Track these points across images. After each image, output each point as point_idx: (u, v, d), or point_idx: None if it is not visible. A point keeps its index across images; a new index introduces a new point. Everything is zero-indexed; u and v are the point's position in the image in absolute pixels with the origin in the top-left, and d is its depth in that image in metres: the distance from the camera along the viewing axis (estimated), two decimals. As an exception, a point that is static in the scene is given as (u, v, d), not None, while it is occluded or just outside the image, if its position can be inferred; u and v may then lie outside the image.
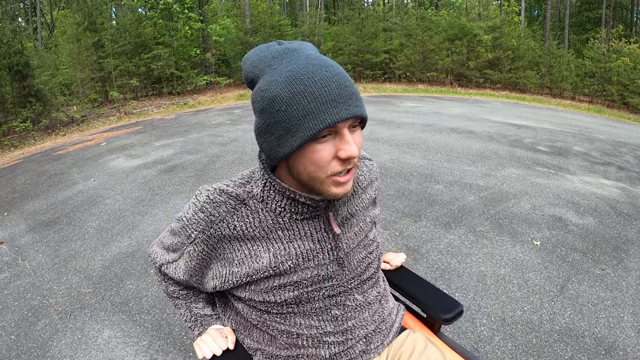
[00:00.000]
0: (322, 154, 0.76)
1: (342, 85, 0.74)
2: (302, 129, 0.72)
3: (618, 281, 2.85)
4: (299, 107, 0.72)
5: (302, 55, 0.77)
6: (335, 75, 0.74)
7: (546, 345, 2.22)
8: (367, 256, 1.02)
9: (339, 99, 0.73)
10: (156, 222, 3.97)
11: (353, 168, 0.81)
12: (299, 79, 0.72)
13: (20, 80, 10.78)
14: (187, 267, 0.96)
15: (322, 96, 0.71)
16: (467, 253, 3.21)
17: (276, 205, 0.86)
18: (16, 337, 2.47)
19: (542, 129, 8.48)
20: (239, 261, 0.88)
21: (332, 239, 0.92)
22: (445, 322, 1.15)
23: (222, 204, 0.87)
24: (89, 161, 6.51)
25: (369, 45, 18.77)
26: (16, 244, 3.75)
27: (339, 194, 0.81)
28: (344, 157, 0.75)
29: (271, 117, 0.75)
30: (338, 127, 0.74)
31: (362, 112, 0.76)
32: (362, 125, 0.83)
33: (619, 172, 5.48)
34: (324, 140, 0.75)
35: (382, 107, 11.44)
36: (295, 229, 0.88)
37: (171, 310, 2.63)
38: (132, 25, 14.34)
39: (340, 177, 0.79)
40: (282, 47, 0.80)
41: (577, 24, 27.66)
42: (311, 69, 0.74)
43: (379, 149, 6.26)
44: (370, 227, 1.05)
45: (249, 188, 0.89)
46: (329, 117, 0.71)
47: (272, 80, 0.75)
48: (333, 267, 0.93)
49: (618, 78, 15.73)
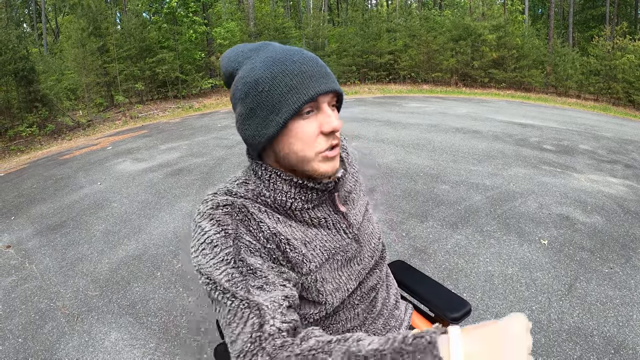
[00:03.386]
0: (308, 129, 0.79)
1: (319, 63, 0.80)
2: (286, 105, 0.76)
3: (626, 279, 2.83)
4: (282, 84, 0.76)
5: (276, 46, 0.83)
6: (310, 57, 0.80)
7: (555, 345, 2.20)
8: (373, 230, 1.05)
9: (317, 75, 0.78)
10: (162, 225, 3.97)
11: (338, 145, 0.83)
12: (278, 61, 0.77)
13: (26, 86, 10.85)
14: (263, 260, 0.78)
15: (302, 72, 0.76)
16: (475, 253, 3.20)
17: (287, 198, 0.84)
18: (23, 340, 2.48)
19: (547, 128, 8.43)
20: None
21: (344, 219, 0.94)
22: (453, 321, 1.14)
23: (235, 197, 0.82)
24: (95, 165, 6.54)
25: (373, 46, 18.75)
26: (23, 247, 3.77)
27: (328, 171, 0.83)
28: (328, 130, 0.79)
29: (255, 100, 0.78)
30: (319, 102, 0.79)
31: (338, 89, 0.81)
32: (338, 108, 0.87)
33: (625, 169, 5.44)
34: (308, 116, 0.79)
35: (388, 108, 11.43)
36: (308, 219, 0.87)
37: (178, 313, 2.63)
38: (136, 30, 14.40)
39: (327, 152, 0.81)
40: (257, 44, 0.86)
41: (581, 22, 27.51)
42: (287, 52, 0.79)
43: (384, 150, 6.25)
44: (365, 201, 1.09)
45: (252, 186, 0.85)
46: (311, 90, 0.76)
47: (252, 67, 0.79)
48: (353, 245, 0.94)
49: (623, 75, 15.60)
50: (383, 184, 4.73)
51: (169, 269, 3.16)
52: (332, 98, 0.82)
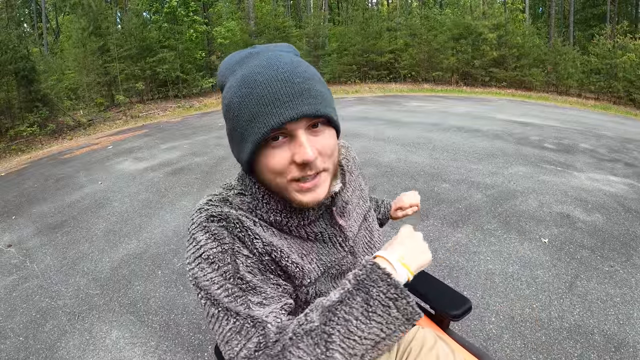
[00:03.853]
0: (278, 159, 0.72)
1: (289, 82, 0.69)
2: (250, 134, 0.70)
3: (627, 278, 2.82)
4: (246, 111, 0.69)
5: (260, 56, 0.74)
6: (282, 74, 0.70)
7: (555, 343, 2.20)
8: (371, 240, 1.01)
9: (284, 97, 0.68)
10: (163, 224, 3.98)
11: (323, 172, 0.76)
12: (246, 82, 0.70)
13: (27, 86, 10.87)
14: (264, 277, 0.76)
15: (265, 97, 0.68)
16: (475, 251, 3.20)
17: (281, 217, 0.81)
18: (24, 339, 2.49)
19: (548, 127, 8.43)
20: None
21: (340, 232, 0.90)
22: (453, 318, 1.15)
23: (231, 209, 0.79)
24: (96, 164, 6.55)
25: (373, 46, 18.75)
26: (24, 246, 3.78)
27: (308, 202, 0.76)
28: (299, 162, 0.70)
29: (230, 124, 0.75)
30: (290, 129, 0.70)
31: (314, 111, 0.70)
32: (334, 125, 0.78)
33: (626, 168, 5.44)
34: (278, 144, 0.71)
35: (388, 107, 11.43)
36: (304, 234, 0.84)
37: (179, 311, 2.63)
38: (137, 30, 14.42)
39: (303, 183, 0.74)
40: (249, 51, 0.78)
41: (581, 21, 27.45)
42: (258, 69, 0.71)
43: (385, 149, 6.25)
44: (364, 209, 1.04)
45: (249, 199, 0.81)
46: (273, 119, 0.67)
47: (230, 86, 0.74)
48: (348, 258, 0.92)
49: (624, 74, 15.57)
50: (383, 182, 4.73)
51: (170, 268, 3.17)
52: (310, 120, 0.72)
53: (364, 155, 5.85)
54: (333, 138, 0.77)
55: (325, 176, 0.77)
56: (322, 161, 0.74)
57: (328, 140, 0.75)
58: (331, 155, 0.77)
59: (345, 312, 0.66)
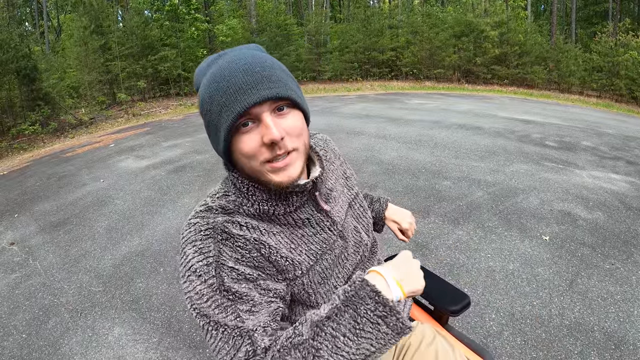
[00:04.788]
0: (248, 143, 0.76)
1: (250, 71, 0.75)
2: (222, 124, 0.76)
3: (628, 276, 2.83)
4: (215, 103, 0.76)
5: (227, 56, 0.80)
6: (243, 65, 0.76)
7: (555, 340, 2.21)
8: (357, 226, 1.04)
9: (245, 85, 0.74)
10: (165, 221, 3.99)
11: (293, 152, 0.80)
12: (214, 79, 0.77)
13: (29, 84, 10.88)
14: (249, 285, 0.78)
15: (229, 87, 0.74)
16: (476, 248, 3.20)
17: (268, 206, 0.84)
18: (27, 336, 2.50)
19: (550, 125, 8.42)
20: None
21: (327, 217, 0.94)
22: (452, 314, 1.15)
23: (215, 216, 0.82)
24: (98, 162, 6.57)
25: (375, 43, 18.74)
26: (27, 244, 3.79)
27: (282, 182, 0.80)
28: (267, 142, 0.75)
29: (205, 120, 0.81)
30: (255, 114, 0.75)
31: (274, 94, 0.75)
32: (300, 108, 0.82)
33: (628, 166, 5.43)
34: (247, 129, 0.76)
35: (390, 104, 11.42)
36: (292, 221, 0.88)
37: (181, 308, 2.65)
38: (138, 28, 14.42)
39: (275, 163, 0.78)
40: (216, 55, 0.83)
41: (583, 18, 27.37)
42: (224, 65, 0.77)
43: (386, 146, 6.25)
44: (349, 197, 1.07)
45: (232, 197, 0.85)
46: (238, 105, 0.73)
47: (202, 86, 0.80)
48: (339, 242, 0.95)
49: (626, 72, 15.54)
50: (385, 180, 4.74)
51: (172, 265, 3.18)
52: (274, 103, 0.76)
53: (366, 153, 5.86)
54: (300, 120, 0.82)
55: (296, 156, 0.81)
56: (291, 141, 0.79)
57: (294, 122, 0.80)
58: (299, 135, 0.81)
59: (332, 329, 0.69)
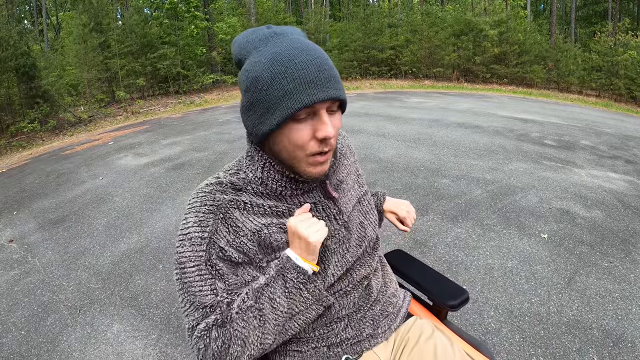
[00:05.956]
0: (301, 133, 0.79)
1: (321, 68, 0.77)
2: (280, 108, 0.76)
3: (626, 273, 2.84)
4: (279, 87, 0.75)
5: (286, 38, 0.80)
6: (316, 59, 0.77)
7: (554, 337, 2.21)
8: (363, 222, 1.05)
9: (317, 80, 0.76)
10: (164, 219, 3.99)
11: (330, 151, 0.84)
12: (280, 61, 0.76)
13: (28, 82, 10.87)
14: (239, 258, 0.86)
15: (300, 77, 0.75)
16: (475, 246, 3.21)
17: (277, 185, 0.89)
18: (26, 333, 2.50)
19: (549, 123, 8.42)
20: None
21: (334, 205, 0.96)
22: (451, 308, 1.16)
23: (223, 192, 0.87)
24: (97, 160, 6.56)
25: (374, 42, 18.72)
26: (26, 241, 3.79)
27: (315, 174, 0.85)
28: (321, 137, 0.79)
29: (254, 96, 0.79)
30: (316, 108, 0.78)
31: (339, 95, 0.79)
32: (343, 110, 0.86)
33: (626, 165, 5.44)
34: (303, 120, 0.78)
35: (389, 103, 11.42)
36: (298, 204, 0.91)
37: (180, 305, 2.64)
38: (138, 26, 14.39)
39: (318, 157, 0.82)
40: (270, 30, 0.83)
41: (583, 18, 27.39)
42: (292, 51, 0.77)
43: (386, 145, 6.25)
44: (359, 193, 1.09)
45: (243, 175, 0.90)
46: (306, 98, 0.75)
47: (257, 62, 0.78)
48: (342, 231, 0.97)
49: (625, 72, 15.53)
50: (384, 178, 4.74)
51: (171, 262, 3.18)
52: (332, 103, 0.81)
53: (365, 151, 5.86)
54: (341, 121, 0.86)
55: (329, 155, 0.85)
56: (335, 139, 0.83)
57: (339, 122, 0.84)
58: (337, 135, 0.87)
59: (270, 292, 0.83)
